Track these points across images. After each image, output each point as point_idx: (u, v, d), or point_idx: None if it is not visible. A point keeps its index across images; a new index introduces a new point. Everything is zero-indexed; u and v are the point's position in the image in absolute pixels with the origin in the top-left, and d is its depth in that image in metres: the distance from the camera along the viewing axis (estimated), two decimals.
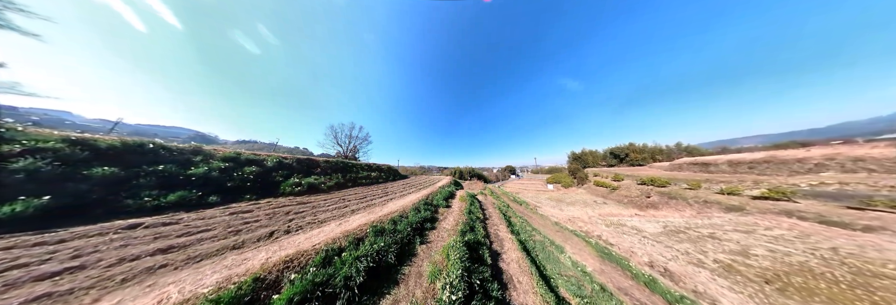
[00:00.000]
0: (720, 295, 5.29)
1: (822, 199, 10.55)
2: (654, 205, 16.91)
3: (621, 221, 12.76)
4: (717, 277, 6.20)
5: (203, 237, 4.16)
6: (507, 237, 6.89)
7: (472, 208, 10.12)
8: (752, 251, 7.60)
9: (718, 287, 5.71)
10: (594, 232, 10.92)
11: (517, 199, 21.36)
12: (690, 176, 18.87)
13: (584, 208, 19.77)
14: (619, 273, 6.28)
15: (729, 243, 8.51)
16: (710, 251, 7.94)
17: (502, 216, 10.48)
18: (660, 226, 11.34)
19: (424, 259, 4.58)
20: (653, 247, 8.67)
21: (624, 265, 6.76)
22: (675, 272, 6.53)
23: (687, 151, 31.94)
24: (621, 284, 5.56)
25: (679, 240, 9.33)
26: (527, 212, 15.66)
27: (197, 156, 7.31)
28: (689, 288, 5.68)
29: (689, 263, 7.13)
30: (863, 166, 11.26)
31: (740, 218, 11.08)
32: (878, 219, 8.35)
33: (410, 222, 6.06)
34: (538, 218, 13.78)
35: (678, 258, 7.50)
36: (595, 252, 7.87)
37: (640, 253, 8.04)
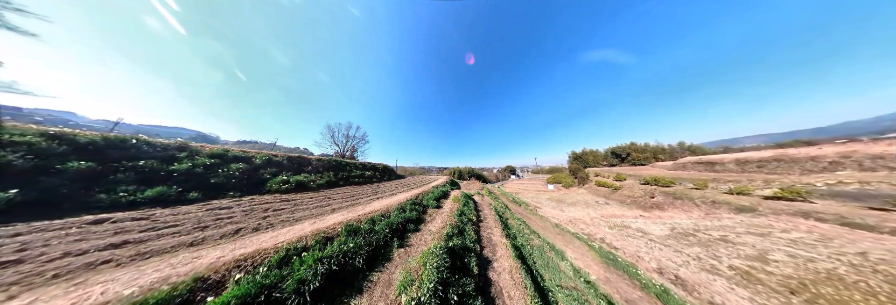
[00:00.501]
0: (732, 303, 4.60)
1: (841, 199, 9.96)
2: (658, 205, 16.29)
3: (625, 223, 12.11)
4: (734, 286, 5.54)
5: (165, 233, 3.97)
6: (501, 242, 6.28)
7: (465, 209, 9.32)
8: (770, 257, 6.94)
9: (738, 298, 5.05)
10: (597, 235, 10.25)
11: (516, 199, 20.73)
12: (696, 176, 18.32)
13: (586, 208, 19.16)
14: (626, 282, 5.64)
15: (743, 247, 7.86)
16: (723, 255, 7.28)
17: (498, 218, 9.66)
18: (667, 228, 10.69)
19: (399, 266, 4.09)
20: (661, 252, 8.00)
21: (631, 272, 6.10)
22: (687, 280, 5.86)
23: (690, 150, 31.55)
24: (629, 296, 4.95)
25: (689, 244, 8.67)
26: (526, 213, 15.01)
27: (182, 152, 7.25)
28: (706, 299, 5.01)
29: (701, 269, 6.45)
30: (883, 164, 10.69)
31: (753, 220, 10.46)
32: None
33: (391, 222, 5.58)
34: (538, 220, 13.20)
35: (689, 264, 6.83)
36: (599, 258, 7.22)
37: (648, 258, 7.37)
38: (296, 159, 11.60)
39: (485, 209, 12.08)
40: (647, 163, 31.04)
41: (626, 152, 34.66)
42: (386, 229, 5.14)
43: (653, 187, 19.08)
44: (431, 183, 18.20)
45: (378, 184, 15.37)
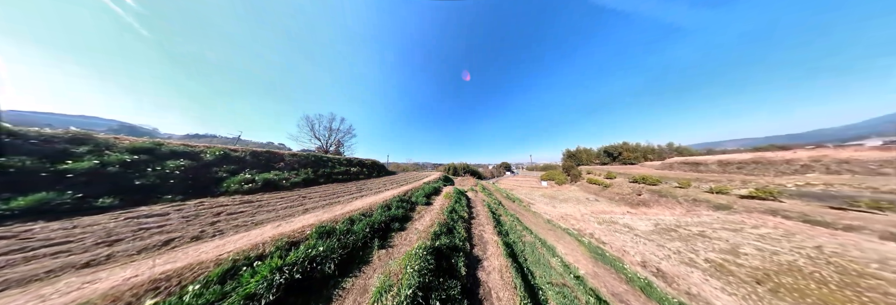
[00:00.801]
0: (714, 298, 5.15)
1: (807, 199, 11.04)
2: (644, 203, 17.40)
3: (613, 219, 12.87)
4: (709, 277, 6.13)
5: (44, 253, 2.94)
6: (492, 240, 6.13)
7: (457, 206, 9.07)
8: (741, 250, 7.70)
9: (711, 288, 5.61)
10: (586, 230, 10.85)
11: (510, 196, 21.30)
12: (681, 175, 19.51)
13: (577, 205, 20.13)
14: (613, 275, 6.02)
15: (718, 241, 8.65)
16: (700, 249, 7.99)
17: (491, 215, 9.49)
18: (651, 224, 11.49)
19: (378, 269, 3.73)
20: (645, 246, 8.63)
21: (618, 267, 6.54)
22: (667, 272, 6.40)
23: (678, 151, 33.32)
24: (616, 289, 5.27)
25: (670, 238, 9.40)
26: (519, 209, 15.29)
27: (79, 146, 5.71)
28: (683, 290, 5.53)
29: (681, 262, 7.06)
30: (847, 168, 11.78)
31: (728, 217, 11.47)
32: (859, 219, 8.73)
33: (373, 222, 5.13)
34: (530, 216, 13.52)
35: (670, 258, 7.44)
36: (588, 253, 7.64)
37: (633, 252, 7.94)
38: (263, 154, 10.32)
39: (478, 205, 11.82)
40: (637, 162, 32.56)
41: (619, 151, 36.05)
42: (366, 229, 4.70)
43: (641, 185, 20.18)
44: (423, 179, 17.59)
45: (365, 181, 14.55)
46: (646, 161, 31.08)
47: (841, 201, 10.13)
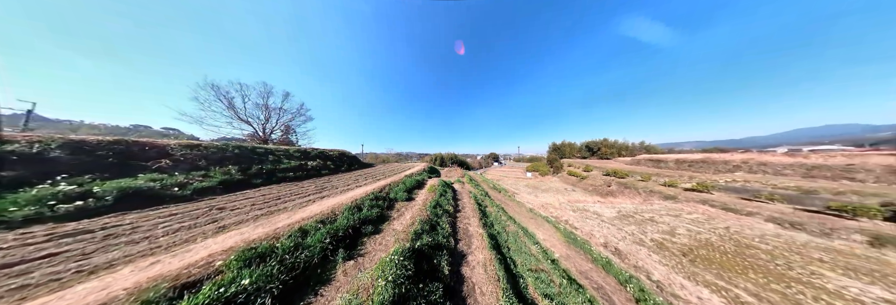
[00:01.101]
0: (653, 269, 7.00)
1: (729, 192, 14.33)
2: (612, 193, 20.58)
3: (586, 207, 15.25)
4: (652, 253, 8.15)
5: None
6: (477, 233, 6.08)
7: (442, 199, 8.53)
8: (677, 231, 10.13)
9: (652, 261, 7.54)
10: (563, 217, 12.84)
11: (497, 186, 22.99)
12: (645, 170, 22.99)
13: (556, 194, 22.92)
14: (582, 256, 7.47)
15: (662, 225, 11.15)
16: (649, 231, 10.28)
17: (477, 207, 9.27)
18: (615, 211, 13.99)
19: (342, 287, 2.95)
20: (608, 230, 10.74)
21: (585, 248, 8.10)
22: (623, 250, 8.31)
23: (646, 149, 38.21)
24: (582, 267, 6.59)
25: (628, 223, 11.77)
26: (505, 200, 16.04)
27: None
28: (632, 264, 7.36)
29: (633, 242, 9.12)
30: (764, 169, 15.21)
31: (672, 205, 14.48)
32: (757, 207, 11.83)
33: (336, 229, 4.12)
34: (515, 205, 14.91)
35: (625, 239, 9.50)
36: (563, 238, 9.11)
37: (599, 235, 9.90)
38: (113, 146, 6.34)
39: (464, 197, 11.33)
40: (612, 158, 36.79)
41: (598, 146, 40.00)
42: (326, 239, 3.76)
43: (611, 178, 23.42)
44: (405, 172, 15.79)
45: (331, 177, 11.93)
46: (619, 157, 35.27)
47: (750, 193, 13.38)
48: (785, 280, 6.27)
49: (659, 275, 6.57)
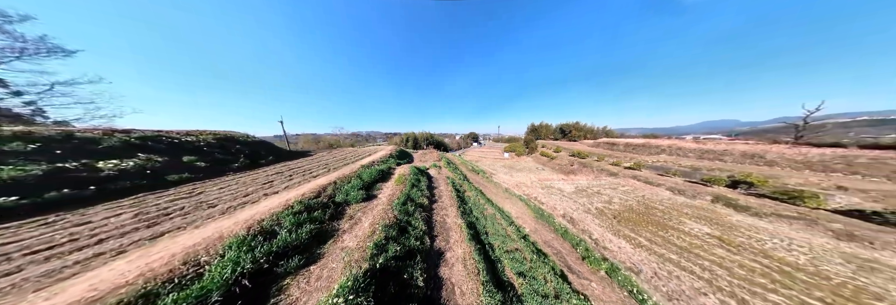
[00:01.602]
0: (594, 231, 10.19)
1: (652, 169, 19.68)
2: (573, 172, 25.55)
3: (552, 184, 19.00)
4: (595, 219, 11.59)
5: None
6: (455, 225, 5.89)
7: (414, 192, 7.61)
8: (613, 201, 14.21)
9: (594, 225, 10.84)
10: (533, 195, 16.03)
11: (475, 168, 25.16)
12: (602, 152, 28.37)
13: (529, 173, 27.12)
14: (546, 228, 10.13)
15: (604, 196, 15.31)
16: (595, 202, 14.10)
17: (455, 195, 9.21)
18: (574, 187, 18.01)
19: None
20: (566, 203, 14.19)
21: (550, 221, 10.90)
22: (576, 219, 11.53)
23: (606, 132, 45.44)
24: (547, 237, 8.98)
25: (581, 196, 15.63)
26: (483, 182, 17.62)
27: None
28: (581, 228, 10.51)
29: (584, 211, 12.58)
30: (681, 153, 20.81)
31: (614, 180, 19.37)
32: (665, 181, 16.99)
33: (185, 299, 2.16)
34: (492, 187, 17.15)
35: (578, 209, 12.96)
36: (533, 214, 11.74)
37: (559, 208, 13.13)
38: None
39: (441, 184, 10.96)
40: (578, 140, 42.93)
41: (570, 129, 45.48)
42: None
43: (575, 158, 28.39)
44: (363, 159, 12.81)
45: (203, 184, 7.25)
46: (584, 140, 41.42)
47: (663, 170, 18.73)
48: (665, 227, 10.19)
49: (597, 235, 9.72)
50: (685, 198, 14.35)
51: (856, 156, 11.85)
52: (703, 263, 7.38)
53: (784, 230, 9.44)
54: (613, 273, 6.67)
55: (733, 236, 9.16)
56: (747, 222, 10.54)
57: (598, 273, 6.78)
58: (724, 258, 7.66)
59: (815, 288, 6.02)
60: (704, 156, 18.69)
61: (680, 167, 17.92)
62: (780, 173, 13.19)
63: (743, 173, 13.64)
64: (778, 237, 8.81)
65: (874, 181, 10.62)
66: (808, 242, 8.41)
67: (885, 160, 10.97)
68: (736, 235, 9.24)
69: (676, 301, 5.76)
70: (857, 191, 9.99)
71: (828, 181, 11.15)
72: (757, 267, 7.01)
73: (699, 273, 6.86)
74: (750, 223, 10.35)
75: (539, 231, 9.45)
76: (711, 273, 6.80)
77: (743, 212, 11.58)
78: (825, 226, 9.10)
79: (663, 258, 7.70)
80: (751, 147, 16.87)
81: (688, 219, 11.14)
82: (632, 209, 12.72)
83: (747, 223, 10.36)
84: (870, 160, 11.24)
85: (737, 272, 6.86)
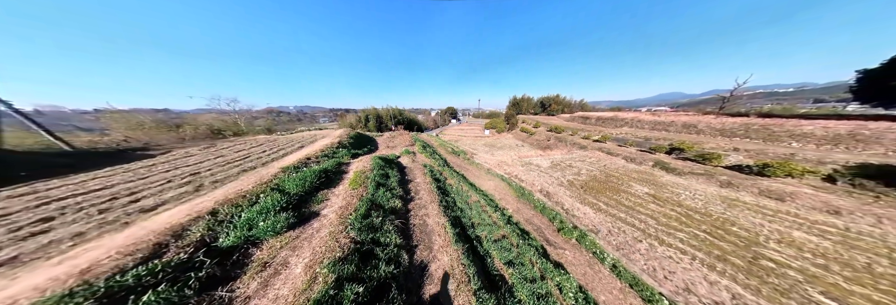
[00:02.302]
0: (565, 201, 12.69)
1: (615, 141, 23.58)
2: (550, 147, 28.86)
3: (531, 161, 21.54)
4: (565, 190, 14.27)
5: None
6: (438, 225, 5.30)
7: (381, 194, 6.32)
8: (581, 172, 17.29)
9: (566, 197, 13.40)
10: (513, 173, 18.27)
11: (455, 149, 25.43)
12: (576, 126, 31.84)
13: (509, 151, 29.62)
14: (527, 206, 11.79)
15: (575, 169, 18.39)
16: (567, 175, 16.97)
17: (434, 185, 8.55)
18: (549, 162, 20.87)
19: None
20: (543, 178, 16.71)
21: (529, 199, 12.66)
22: (550, 192, 13.99)
23: (581, 106, 49.61)
24: (528, 215, 10.41)
25: (556, 170, 18.46)
26: (464, 164, 17.65)
27: None
28: (556, 201, 12.98)
29: (557, 185, 15.22)
30: (639, 125, 24.85)
31: (584, 153, 22.85)
32: (623, 151, 20.87)
33: None
34: (474, 169, 17.84)
35: (552, 183, 15.60)
36: (515, 194, 13.30)
37: (537, 184, 15.55)
38: None
39: (417, 175, 9.78)
40: (556, 114, 46.31)
41: (550, 102, 48.06)
42: None
43: (552, 133, 31.49)
44: (289, 156, 10.01)
45: None
46: (562, 114, 44.84)
47: (623, 142, 22.70)
48: (618, 192, 13.34)
49: (568, 205, 12.18)
50: (635, 165, 18.25)
51: (751, 123, 16.28)
52: (641, 217, 10.33)
53: (693, 185, 13.36)
54: (582, 239, 8.06)
55: (663, 193, 12.65)
56: (674, 181, 14.40)
57: (570, 242, 8.08)
58: (654, 211, 10.81)
59: (703, 223, 9.29)
60: (656, 127, 22.84)
61: (635, 138, 21.82)
62: (703, 140, 17.46)
63: (678, 141, 17.59)
64: (689, 191, 12.55)
65: (754, 143, 15.21)
66: (704, 191, 12.28)
67: (767, 126, 15.48)
68: (664, 192, 12.76)
69: (622, 250, 8.09)
70: (743, 151, 14.27)
71: (730, 144, 15.43)
72: (673, 215, 10.23)
73: (637, 225, 9.71)
74: (674, 181, 14.21)
75: (521, 210, 10.95)
76: (645, 224, 9.71)
77: (671, 173, 15.58)
78: (717, 179, 13.18)
79: (615, 218, 10.47)
80: (690, 118, 21.10)
81: (635, 183, 14.60)
82: (595, 178, 15.86)
83: (672, 182, 14.20)
84: (759, 127, 15.73)
85: (661, 220, 9.92)
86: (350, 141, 14.71)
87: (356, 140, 15.46)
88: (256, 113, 35.21)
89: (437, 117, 72.35)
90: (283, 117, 39.35)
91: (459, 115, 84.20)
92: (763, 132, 15.33)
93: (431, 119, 67.53)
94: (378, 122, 35.35)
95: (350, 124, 32.89)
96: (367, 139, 18.22)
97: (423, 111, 75.17)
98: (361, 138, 17.47)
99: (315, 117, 44.37)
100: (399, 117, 38.35)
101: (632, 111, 34.12)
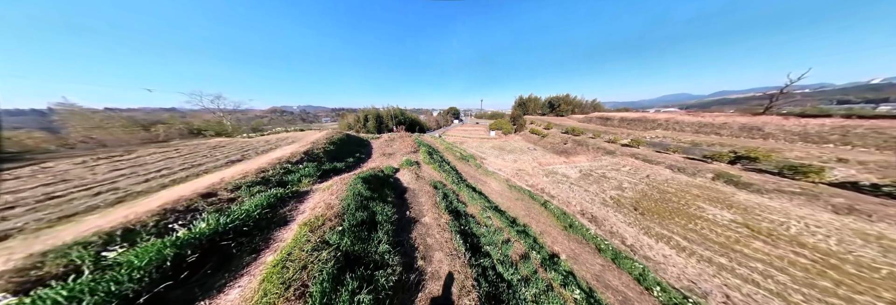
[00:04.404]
0: (622, 230, 9.10)
1: (650, 146, 20.11)
2: (567, 151, 25.34)
3: (555, 169, 18.00)
4: (614, 212, 10.68)
5: None
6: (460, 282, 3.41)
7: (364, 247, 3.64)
8: (624, 186, 13.73)
9: (620, 223, 9.84)
10: (539, 185, 14.67)
11: (464, 154, 22.18)
12: (596, 128, 28.49)
13: (522, 155, 26.04)
14: (584, 247, 7.42)
15: (612, 180, 14.84)
16: (606, 189, 13.40)
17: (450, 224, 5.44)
18: (577, 171, 17.32)
19: None
20: (577, 193, 13.11)
21: (583, 233, 8.38)
22: (597, 216, 10.39)
23: (594, 106, 46.44)
24: (594, 268, 5.91)
25: (589, 182, 14.91)
26: (477, 176, 14.02)
27: None
28: (608, 229, 9.37)
29: (600, 204, 11.62)
30: (679, 128, 21.41)
31: (613, 160, 19.37)
32: (664, 158, 17.38)
33: None
34: (492, 182, 13.74)
35: (594, 201, 11.98)
36: (558, 223, 9.02)
37: (574, 202, 11.93)
38: None
39: (423, 203, 6.62)
40: (566, 114, 43.05)
41: (559, 102, 44.85)
42: None
43: (569, 135, 27.98)
44: (153, 199, 5.33)
45: None
46: (572, 114, 41.57)
47: (663, 147, 19.20)
48: (689, 217, 9.77)
49: (630, 238, 8.62)
50: (686, 176, 14.71)
51: (850, 126, 12.79)
52: (753, 265, 6.82)
53: (791, 209, 9.81)
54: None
55: (756, 221, 9.10)
56: (754, 200, 10.88)
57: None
58: (767, 253, 7.28)
59: (874, 284, 5.73)
60: (701, 130, 19.40)
61: (679, 143, 18.32)
62: (779, 147, 13.96)
63: (746, 148, 14.08)
64: (793, 218, 9.00)
65: (866, 152, 11.53)
66: (818, 220, 8.71)
67: (880, 129, 11.90)
68: (757, 219, 9.22)
69: None
70: (854, 163, 10.67)
71: (825, 153, 11.88)
72: (804, 263, 6.67)
73: (762, 281, 6.18)
74: (759, 203, 10.67)
75: (580, 257, 6.79)
76: (774, 281, 6.19)
77: (745, 189, 12.05)
78: (827, 202, 9.59)
79: (714, 264, 6.95)
80: (749, 119, 17.72)
81: (702, 202, 11.05)
82: (646, 195, 12.28)
83: (757, 203, 10.66)
84: (866, 130, 12.24)
85: (794, 273, 6.39)
86: (329, 149, 10.32)
87: (339, 147, 11.32)
88: (261, 112, 34.98)
89: (440, 117, 69.19)
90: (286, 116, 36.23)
91: (461, 115, 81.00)
92: (876, 138, 11.79)
93: (434, 119, 64.29)
94: (378, 122, 32.75)
95: (348, 125, 30.26)
96: (358, 144, 14.64)
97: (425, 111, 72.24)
98: (348, 144, 13.53)
99: (318, 116, 42.59)
100: (400, 116, 35.82)
101: (662, 111, 30.55)
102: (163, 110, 27.89)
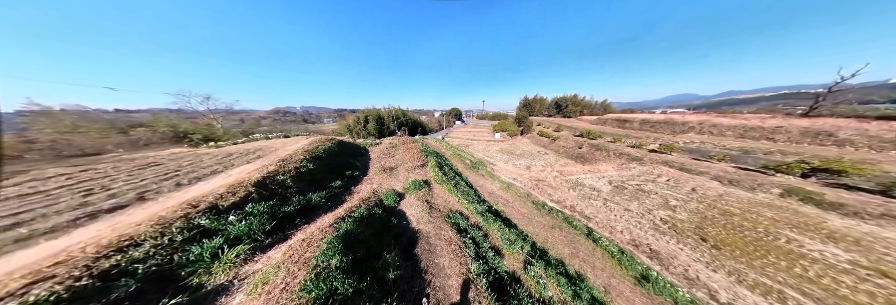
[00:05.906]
0: (707, 278, 6.50)
1: (688, 154, 17.44)
2: (584, 156, 22.71)
3: (579, 180, 15.31)
4: (680, 245, 8.04)
5: None
6: None
7: None
8: (671, 203, 11.03)
9: (690, 259, 7.24)
10: (567, 201, 11.96)
11: (473, 160, 19.74)
12: (611, 130, 25.88)
13: (534, 160, 23.42)
14: None
15: (654, 195, 12.08)
16: (651, 208, 10.66)
17: (479, 272, 3.91)
18: (606, 182, 14.63)
19: None
20: (618, 213, 10.34)
21: (675, 296, 5.66)
22: (659, 251, 7.75)
23: (604, 107, 43.85)
24: None
25: (626, 198, 12.21)
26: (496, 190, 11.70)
27: None
28: (681, 272, 6.75)
29: (653, 230, 8.94)
30: (713, 130, 18.74)
31: (642, 168, 16.68)
32: (707, 167, 14.74)
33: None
34: (515, 200, 10.73)
35: (643, 226, 9.29)
36: (624, 273, 6.24)
37: (620, 228, 9.23)
38: None
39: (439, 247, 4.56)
40: (574, 116, 40.48)
41: (566, 103, 42.30)
42: None
43: (584, 139, 25.32)
44: None
45: None
46: (582, 116, 39.00)
47: (700, 154, 16.53)
48: (782, 253, 7.10)
49: (723, 291, 5.98)
50: (743, 191, 12.06)
51: None
52: None
53: None
54: None
55: (884, 260, 6.43)
56: (859, 228, 8.24)
57: None
58: None
59: None
60: (747, 134, 16.74)
61: (726, 150, 15.64)
62: (870, 157, 11.30)
63: (821, 158, 11.42)
64: None
65: None
66: None
67: None
68: (884, 259, 6.55)
69: None
70: None
71: None
72: None
73: None
74: (865, 231, 8.02)
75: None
76: None
77: (833, 211, 9.40)
78: None
79: None
80: (811, 123, 15.09)
81: (789, 231, 8.40)
82: (705, 217, 9.62)
83: (862, 232, 8.01)
84: None
85: None
86: (305, 168, 7.09)
87: (324, 162, 8.21)
88: (264, 113, 32.18)
89: (441, 117, 67.13)
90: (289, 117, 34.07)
91: (463, 116, 78.67)
92: None
93: (436, 120, 62.28)
94: (379, 124, 29.55)
95: (348, 126, 27.70)
96: (352, 154, 11.57)
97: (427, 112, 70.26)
98: (338, 156, 10.44)
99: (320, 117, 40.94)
100: (401, 118, 33.40)
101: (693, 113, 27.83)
102: (169, 111, 25.04)
